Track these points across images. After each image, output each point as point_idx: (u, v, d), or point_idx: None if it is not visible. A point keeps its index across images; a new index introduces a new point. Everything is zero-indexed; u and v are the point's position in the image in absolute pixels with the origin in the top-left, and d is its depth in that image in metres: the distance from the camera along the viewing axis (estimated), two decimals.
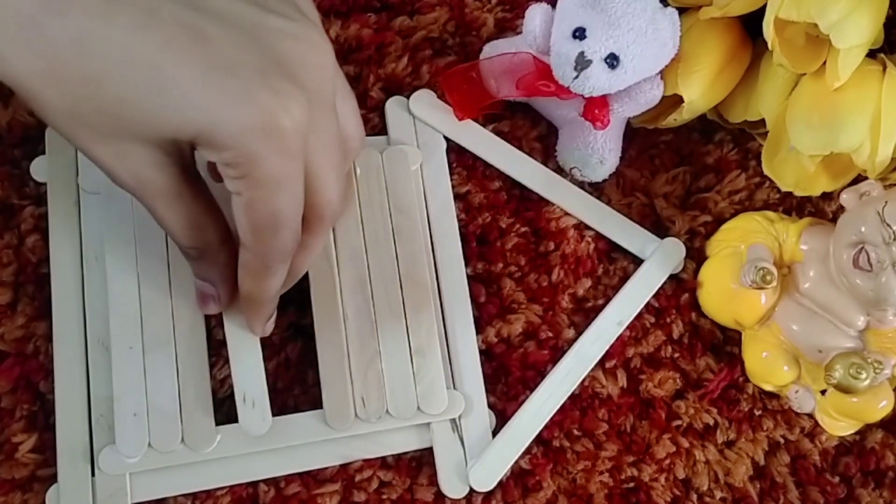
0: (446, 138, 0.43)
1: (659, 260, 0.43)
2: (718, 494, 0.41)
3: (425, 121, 0.43)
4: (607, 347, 0.42)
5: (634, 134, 0.46)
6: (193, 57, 0.27)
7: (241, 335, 0.37)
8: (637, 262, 0.44)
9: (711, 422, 0.42)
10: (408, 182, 0.41)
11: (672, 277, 0.44)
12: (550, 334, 0.42)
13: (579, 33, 0.38)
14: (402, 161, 0.41)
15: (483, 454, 0.39)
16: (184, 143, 0.29)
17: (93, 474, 0.36)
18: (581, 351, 0.42)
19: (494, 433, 0.40)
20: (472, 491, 0.39)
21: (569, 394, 0.41)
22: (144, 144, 0.29)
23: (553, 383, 0.41)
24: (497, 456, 0.39)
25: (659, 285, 0.43)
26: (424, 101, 0.43)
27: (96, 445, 0.36)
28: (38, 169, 0.39)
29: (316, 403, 0.38)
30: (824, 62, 0.39)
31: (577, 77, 0.39)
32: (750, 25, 0.43)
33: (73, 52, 0.26)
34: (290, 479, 0.38)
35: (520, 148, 0.44)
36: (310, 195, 0.31)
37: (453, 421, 0.39)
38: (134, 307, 0.37)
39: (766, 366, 0.42)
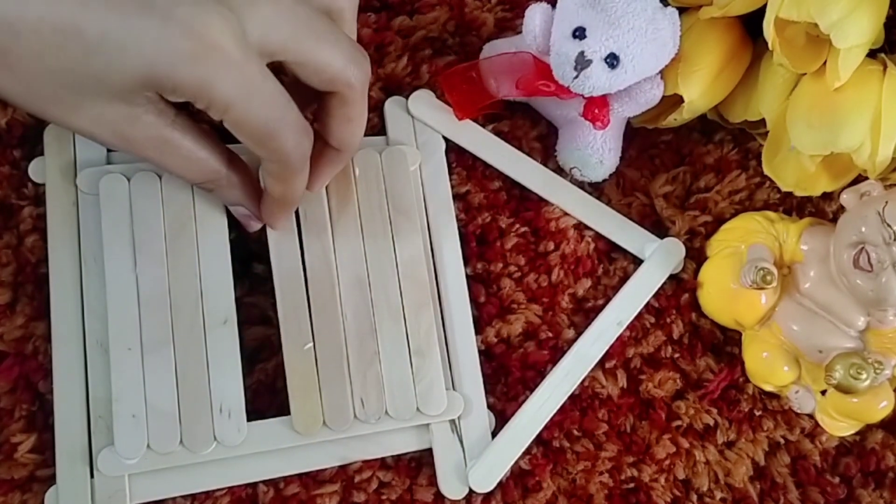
0: (445, 138, 0.43)
1: (659, 260, 0.43)
2: (718, 495, 0.41)
3: (424, 121, 0.43)
4: (607, 348, 0.42)
5: (634, 134, 0.46)
6: (109, 8, 0.27)
7: (221, 345, 0.37)
8: (637, 262, 0.44)
9: (711, 422, 0.42)
10: (407, 182, 0.41)
11: (672, 277, 0.44)
12: (550, 334, 0.42)
13: (579, 33, 0.38)
14: (401, 161, 0.41)
15: (482, 455, 0.39)
16: (146, 92, 0.29)
17: (92, 475, 0.35)
18: (581, 351, 0.41)
19: (494, 434, 0.40)
20: (471, 492, 0.39)
21: (568, 394, 0.41)
22: (111, 103, 0.29)
23: (553, 384, 0.41)
24: (496, 457, 0.39)
25: (659, 285, 0.43)
26: (423, 102, 0.43)
27: (95, 446, 0.36)
28: (37, 170, 0.39)
29: None
30: (824, 62, 0.39)
31: (577, 77, 0.39)
32: (750, 25, 0.42)
33: (7, 38, 0.27)
34: (289, 479, 0.38)
35: (520, 148, 0.44)
36: (319, 75, 0.32)
37: (453, 422, 0.39)
38: (132, 308, 0.36)
39: (766, 366, 0.42)
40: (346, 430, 0.37)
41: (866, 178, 0.41)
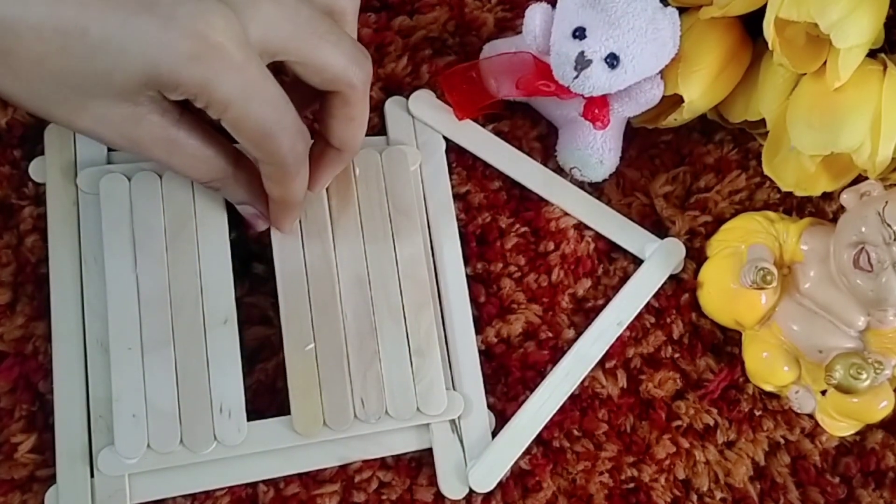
0: (446, 138, 0.43)
1: (659, 260, 0.43)
2: (718, 495, 0.41)
3: (424, 121, 0.43)
4: (607, 348, 0.42)
5: (634, 134, 0.46)
6: (110, 9, 0.28)
7: (221, 345, 0.37)
8: (637, 261, 0.44)
9: (711, 422, 0.42)
10: (407, 182, 0.41)
11: (672, 277, 0.44)
12: (550, 334, 0.42)
13: (579, 33, 0.38)
14: (401, 161, 0.41)
15: (482, 455, 0.39)
16: (148, 91, 0.29)
17: (92, 475, 0.35)
18: (581, 351, 0.41)
19: (494, 434, 0.40)
20: (471, 491, 0.39)
21: (569, 394, 0.41)
22: (115, 103, 0.29)
23: (553, 384, 0.41)
24: (496, 457, 0.39)
25: (659, 285, 0.43)
26: (424, 102, 0.43)
27: (95, 446, 0.36)
28: (37, 169, 0.39)
29: None
30: (825, 62, 0.39)
31: (577, 77, 0.39)
32: (750, 25, 0.42)
33: (9, 39, 0.27)
34: (289, 479, 0.38)
35: (520, 148, 0.44)
36: (320, 75, 0.32)
37: (453, 422, 0.39)
38: (132, 308, 0.36)
39: (766, 366, 0.42)
40: (347, 429, 0.37)
41: (866, 178, 0.41)
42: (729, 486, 0.42)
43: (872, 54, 0.40)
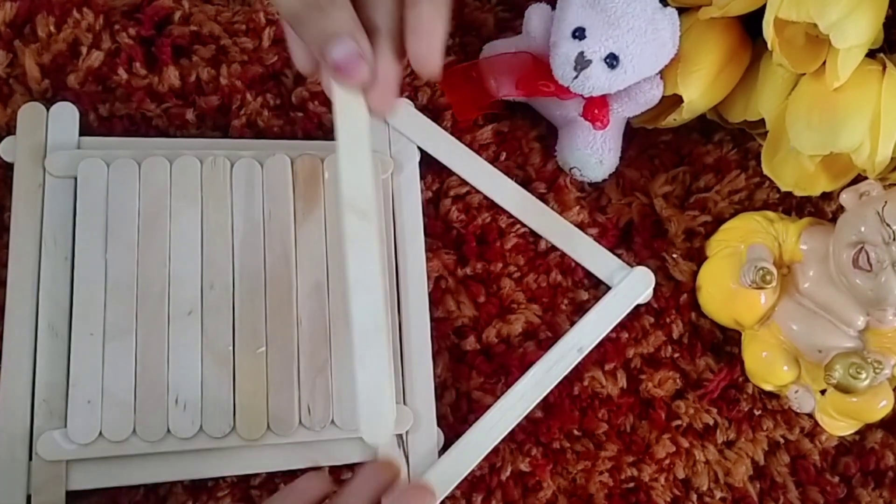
0: (420, 150, 0.43)
1: (627, 289, 0.42)
2: (718, 494, 0.41)
3: (400, 130, 0.42)
4: (565, 373, 0.40)
5: (634, 134, 0.46)
6: None
7: (183, 336, 0.36)
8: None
9: (711, 422, 0.42)
10: (377, 190, 0.40)
11: (670, 277, 0.44)
12: (550, 334, 0.42)
13: (579, 33, 0.38)
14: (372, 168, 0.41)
15: (426, 473, 0.38)
16: None
17: (30, 458, 0.35)
18: (535, 377, 0.40)
19: (442, 451, 0.39)
20: (472, 490, 0.39)
21: (519, 420, 0.39)
22: None
23: (504, 407, 0.39)
24: (440, 476, 0.38)
25: (624, 314, 0.42)
26: (401, 111, 0.43)
27: (36, 430, 0.35)
28: (7, 149, 0.38)
29: None
30: (824, 62, 0.39)
31: (576, 77, 0.39)
32: (750, 25, 0.43)
33: None
34: (287, 479, 0.38)
35: (520, 148, 0.44)
36: None
37: (400, 436, 0.38)
38: (98, 293, 0.36)
39: (765, 366, 0.42)
40: (290, 435, 0.37)
41: (865, 178, 0.41)
42: (729, 486, 0.42)
43: (871, 54, 0.40)
